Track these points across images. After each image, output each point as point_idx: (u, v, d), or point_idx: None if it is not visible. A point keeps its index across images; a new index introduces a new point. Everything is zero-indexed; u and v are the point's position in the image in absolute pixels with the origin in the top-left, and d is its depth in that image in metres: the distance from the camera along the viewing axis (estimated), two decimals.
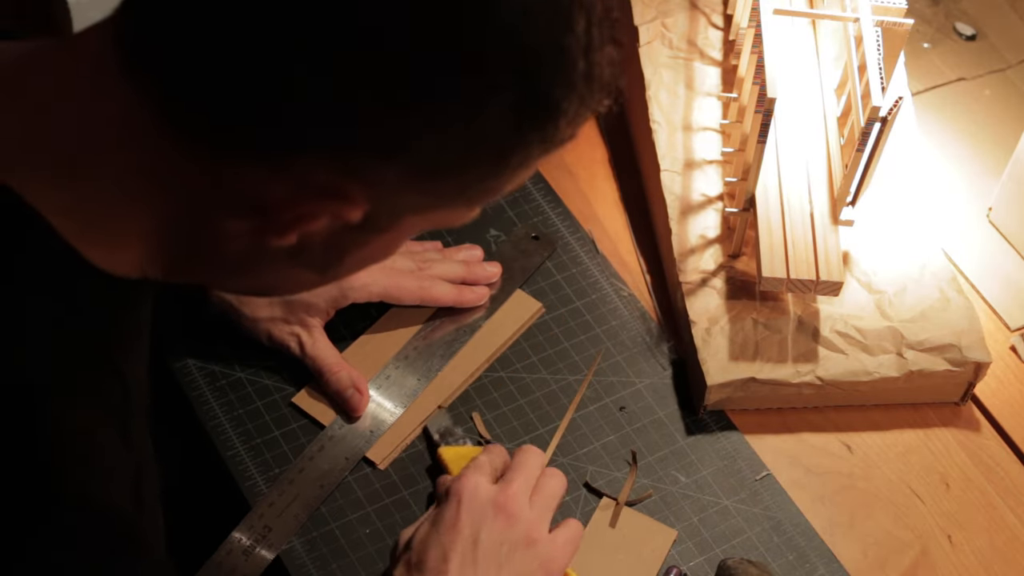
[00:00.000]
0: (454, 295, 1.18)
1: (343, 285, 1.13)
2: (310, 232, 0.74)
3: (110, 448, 0.76)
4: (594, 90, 0.72)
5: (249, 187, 0.72)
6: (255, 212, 0.73)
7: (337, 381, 1.12)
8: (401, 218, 0.76)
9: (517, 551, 0.98)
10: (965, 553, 1.11)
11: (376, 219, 0.74)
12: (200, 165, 0.72)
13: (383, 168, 0.71)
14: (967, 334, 1.17)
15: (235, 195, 0.73)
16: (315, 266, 0.79)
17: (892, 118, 1.10)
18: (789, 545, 1.09)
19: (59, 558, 0.72)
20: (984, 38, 1.46)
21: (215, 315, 1.13)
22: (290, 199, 0.72)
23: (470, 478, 1.00)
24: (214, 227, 0.75)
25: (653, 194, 1.28)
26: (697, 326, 1.16)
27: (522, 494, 1.01)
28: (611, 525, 1.08)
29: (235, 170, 0.72)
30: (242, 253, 0.77)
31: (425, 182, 0.73)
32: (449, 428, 1.12)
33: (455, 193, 0.75)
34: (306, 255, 0.77)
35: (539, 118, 0.72)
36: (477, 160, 0.73)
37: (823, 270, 1.14)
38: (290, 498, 1.08)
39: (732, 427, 1.16)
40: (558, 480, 1.04)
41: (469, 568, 0.96)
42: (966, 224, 1.32)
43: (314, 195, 0.71)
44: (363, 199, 0.72)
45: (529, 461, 1.03)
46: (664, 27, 1.36)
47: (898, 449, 1.17)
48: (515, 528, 0.99)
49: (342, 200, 0.72)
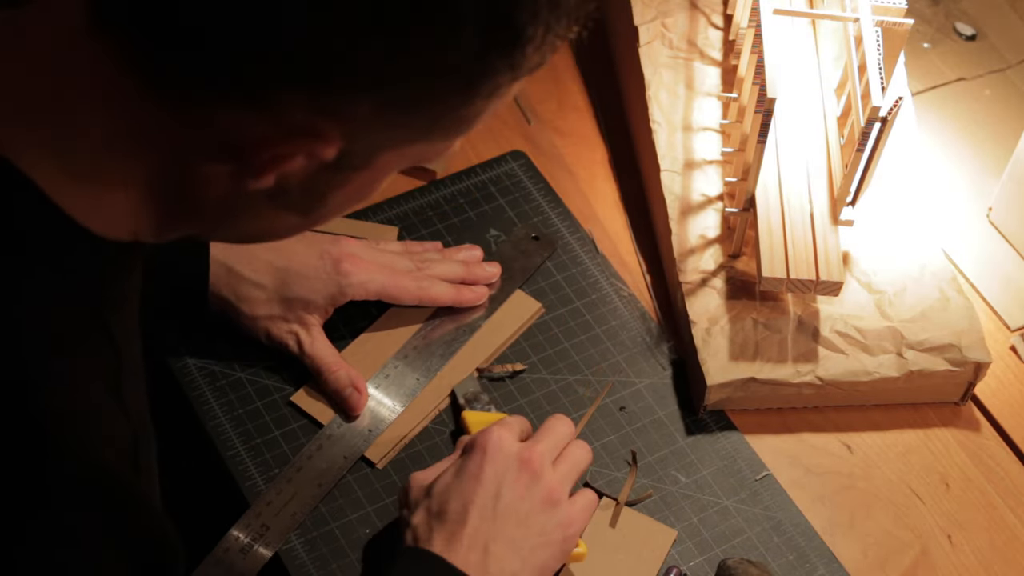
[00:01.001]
0: (453, 295, 1.18)
1: (341, 283, 1.13)
2: (287, 173, 0.74)
3: (105, 412, 0.76)
4: (560, 16, 0.73)
5: (225, 131, 0.73)
6: (232, 156, 0.74)
7: (336, 380, 1.12)
8: (377, 155, 0.76)
9: (537, 509, 0.99)
10: (965, 553, 1.11)
11: (351, 157, 0.75)
12: (177, 114, 0.72)
13: (355, 103, 0.71)
14: (967, 334, 1.17)
15: (212, 140, 0.73)
16: (297, 208, 0.79)
17: (892, 118, 1.10)
18: (789, 545, 1.09)
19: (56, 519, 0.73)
20: (984, 38, 1.46)
21: (214, 314, 1.13)
22: (265, 140, 0.72)
23: (496, 431, 1.01)
24: (196, 175, 0.76)
25: (653, 194, 1.28)
26: (697, 326, 1.16)
27: (547, 455, 1.02)
28: (611, 525, 1.08)
29: (210, 115, 0.72)
30: (225, 199, 0.77)
31: (398, 115, 0.73)
32: (476, 394, 1.14)
33: (428, 125, 0.75)
34: (286, 197, 0.77)
35: (505, 45, 0.72)
36: (447, 90, 0.73)
37: (823, 270, 1.14)
38: (288, 497, 1.08)
39: (732, 427, 1.16)
40: (584, 451, 1.04)
41: (489, 522, 0.97)
42: (966, 224, 1.32)
43: (288, 135, 0.72)
44: (337, 136, 0.73)
45: (557, 427, 1.05)
46: (664, 27, 1.36)
47: (898, 449, 1.17)
48: (537, 486, 1.00)
49: (316, 138, 0.72)
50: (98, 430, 0.76)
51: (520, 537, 0.98)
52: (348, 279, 1.13)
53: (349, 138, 0.73)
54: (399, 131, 0.75)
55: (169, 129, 0.73)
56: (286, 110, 0.71)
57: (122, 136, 0.74)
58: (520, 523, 0.98)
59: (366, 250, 1.16)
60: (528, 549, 0.98)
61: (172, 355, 1.15)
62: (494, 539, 0.97)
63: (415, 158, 0.79)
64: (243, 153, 0.73)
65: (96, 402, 0.76)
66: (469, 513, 0.97)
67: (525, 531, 0.98)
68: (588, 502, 1.02)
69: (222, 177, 0.75)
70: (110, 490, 0.76)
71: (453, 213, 1.27)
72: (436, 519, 0.98)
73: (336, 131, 0.72)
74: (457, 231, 1.26)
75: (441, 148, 0.79)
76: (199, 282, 1.11)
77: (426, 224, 1.26)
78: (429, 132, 0.76)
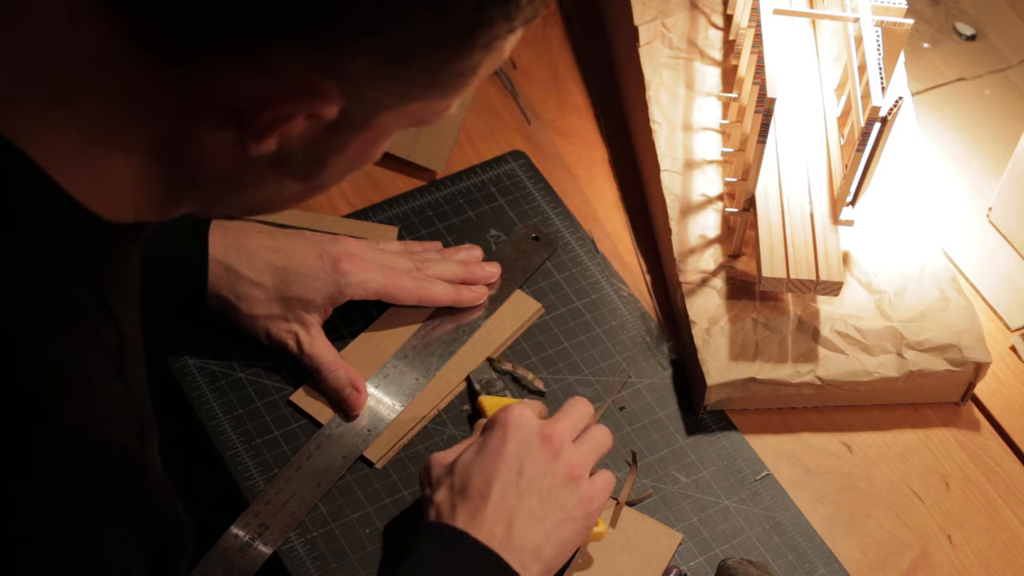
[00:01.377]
0: (452, 295, 1.18)
1: (340, 282, 1.13)
2: (289, 137, 0.74)
3: (109, 389, 0.76)
4: None
5: (225, 94, 0.72)
6: (234, 120, 0.73)
7: (335, 379, 1.12)
8: (377, 115, 0.76)
9: (559, 485, 1.00)
10: (965, 553, 1.11)
11: (351, 116, 0.75)
12: (176, 80, 0.72)
13: (354, 58, 0.71)
14: (967, 334, 1.17)
15: (213, 106, 0.73)
16: (299, 174, 0.79)
17: (892, 118, 1.10)
18: (789, 545, 1.09)
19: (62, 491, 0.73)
20: (984, 38, 1.46)
21: (214, 313, 1.13)
22: (266, 101, 0.72)
23: (516, 408, 1.02)
24: (197, 143, 0.75)
25: (653, 194, 1.28)
26: (697, 326, 1.16)
27: (568, 432, 1.03)
28: (612, 525, 1.08)
29: (210, 79, 0.72)
30: (228, 168, 0.77)
31: (396, 70, 0.73)
32: (491, 380, 1.15)
33: (426, 80, 0.75)
34: (289, 163, 0.77)
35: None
36: (444, 42, 0.73)
37: (823, 270, 1.14)
38: (286, 496, 1.08)
39: (732, 427, 1.16)
40: (605, 434, 1.06)
41: (512, 496, 0.98)
42: (966, 224, 1.32)
43: (289, 94, 0.72)
44: (336, 94, 0.73)
45: (578, 408, 1.06)
46: (664, 27, 1.36)
47: (898, 449, 1.17)
48: (559, 462, 1.01)
49: (315, 96, 0.72)
50: (104, 406, 0.75)
51: (543, 512, 0.99)
52: (347, 278, 1.13)
53: (349, 96, 0.73)
54: (398, 87, 0.75)
55: (169, 96, 0.73)
56: (285, 68, 0.71)
57: (122, 106, 0.73)
58: (543, 498, 0.99)
59: (365, 250, 1.16)
60: (551, 524, 0.99)
61: (172, 355, 1.15)
62: (517, 514, 0.98)
63: (414, 119, 0.79)
64: (244, 116, 0.73)
65: (98, 379, 0.76)
66: (492, 488, 0.98)
67: (547, 506, 0.99)
68: (608, 481, 1.04)
69: (225, 145, 0.75)
70: (117, 463, 0.76)
71: (453, 213, 1.27)
72: (459, 495, 0.99)
73: (336, 88, 0.72)
74: (457, 231, 1.26)
75: (440, 108, 0.79)
76: (198, 282, 1.11)
77: (426, 224, 1.26)
78: (427, 88, 0.76)
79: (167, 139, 0.75)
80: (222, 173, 0.77)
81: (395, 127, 0.79)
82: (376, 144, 0.80)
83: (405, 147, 1.31)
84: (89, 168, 0.74)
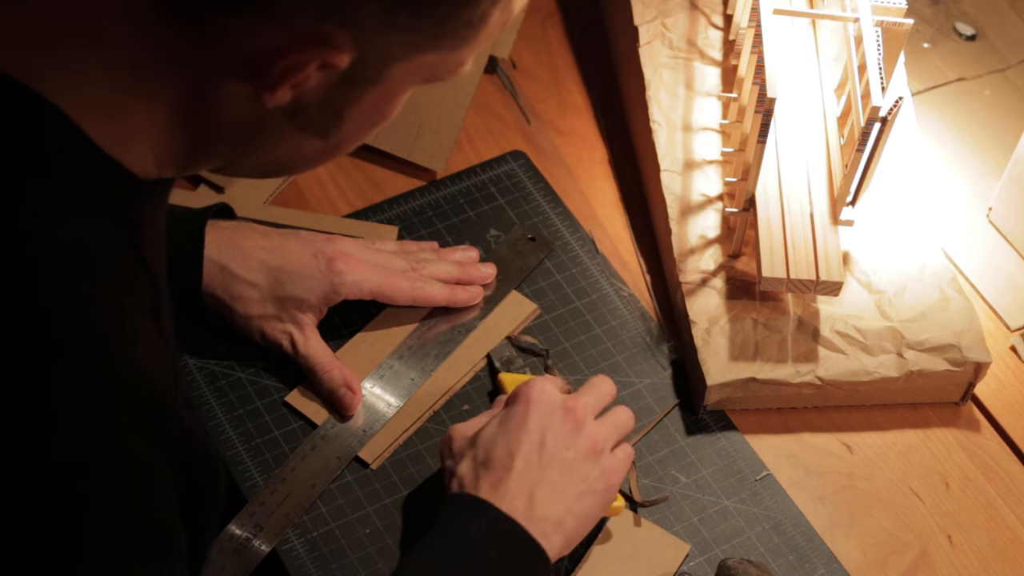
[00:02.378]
0: (447, 295, 1.18)
1: (335, 282, 1.13)
2: (303, 88, 0.76)
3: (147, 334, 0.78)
4: None
5: (238, 45, 0.74)
6: (249, 72, 0.75)
7: (330, 380, 1.12)
8: (389, 66, 0.77)
9: (581, 458, 1.02)
10: (965, 553, 1.11)
11: (364, 67, 0.76)
12: (192, 32, 0.74)
13: (363, 5, 0.73)
14: (967, 334, 1.17)
15: (228, 57, 0.75)
16: (317, 129, 0.80)
17: (892, 118, 1.10)
18: (789, 545, 1.09)
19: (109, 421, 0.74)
20: (984, 38, 1.46)
21: (212, 314, 1.13)
22: (278, 50, 0.73)
23: (539, 382, 1.04)
24: (216, 97, 0.77)
25: (653, 194, 1.28)
26: (697, 326, 1.16)
27: (590, 407, 1.04)
28: (636, 524, 1.08)
29: (224, 30, 0.73)
30: (246, 122, 0.78)
31: (405, 18, 0.74)
32: (511, 357, 1.16)
33: (435, 30, 0.76)
34: (304, 116, 0.78)
35: None
36: None
37: (823, 270, 1.14)
38: (282, 497, 1.08)
39: (732, 427, 1.16)
40: (627, 414, 1.07)
41: (534, 468, 1.00)
42: (966, 224, 1.32)
43: (300, 43, 0.73)
44: (348, 42, 0.74)
45: (601, 386, 1.07)
46: (664, 27, 1.36)
47: (898, 449, 1.17)
48: (581, 435, 1.02)
49: (327, 45, 0.74)
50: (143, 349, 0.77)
51: (564, 484, 1.00)
52: (342, 278, 1.13)
53: (360, 45, 0.74)
54: (408, 36, 0.76)
55: (186, 50, 0.74)
56: (296, 17, 0.72)
57: (142, 61, 0.75)
58: (564, 471, 1.00)
59: (361, 249, 1.16)
60: (572, 496, 1.00)
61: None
62: (539, 485, 0.99)
63: (428, 74, 0.80)
64: (258, 66, 0.74)
65: (136, 323, 0.77)
66: (515, 460, 1.00)
67: (569, 479, 1.00)
68: (627, 454, 1.05)
69: (241, 97, 0.76)
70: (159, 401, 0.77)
71: (453, 213, 1.27)
72: (482, 467, 1.00)
73: (347, 37, 0.73)
74: (457, 231, 1.26)
75: (453, 64, 0.80)
76: (192, 281, 1.11)
77: (426, 224, 1.26)
78: (437, 39, 0.77)
79: (188, 94, 0.76)
80: (241, 128, 0.79)
81: (409, 82, 0.80)
82: (391, 100, 0.81)
83: (405, 147, 1.31)
84: (114, 122, 0.76)
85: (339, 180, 1.30)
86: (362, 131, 0.83)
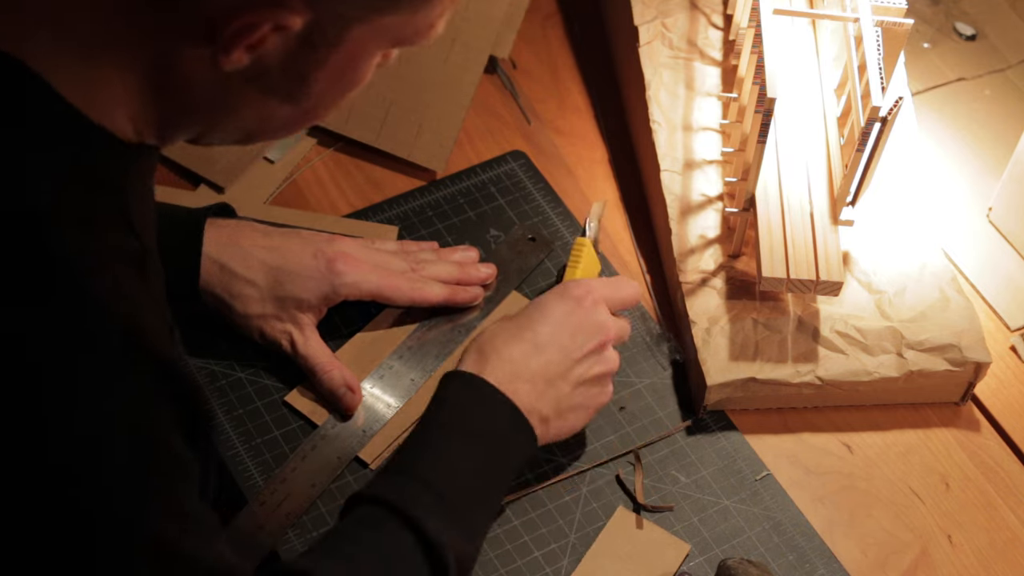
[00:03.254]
0: (447, 295, 1.18)
1: (334, 282, 1.13)
2: (261, 52, 0.77)
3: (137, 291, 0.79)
4: None
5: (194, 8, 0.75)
6: (204, 33, 0.76)
7: (329, 380, 1.12)
8: (347, 29, 0.78)
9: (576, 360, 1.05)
10: (965, 553, 1.11)
11: (321, 30, 0.77)
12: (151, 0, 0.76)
13: None
14: (967, 334, 1.17)
15: (185, 20, 0.76)
16: (281, 93, 0.81)
17: (892, 118, 1.10)
18: (789, 545, 1.09)
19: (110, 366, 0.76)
20: (984, 38, 1.46)
21: (211, 313, 1.13)
22: (231, 10, 0.74)
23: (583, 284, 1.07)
24: (178, 62, 0.78)
25: (653, 194, 1.28)
26: (697, 326, 1.16)
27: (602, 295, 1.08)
28: (638, 527, 1.08)
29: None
30: (209, 87, 0.80)
31: None
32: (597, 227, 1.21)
33: None
34: (267, 79, 0.80)
35: None
36: None
37: (823, 270, 1.14)
38: (282, 496, 1.08)
39: (732, 427, 1.16)
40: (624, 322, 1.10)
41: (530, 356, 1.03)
42: (966, 224, 1.32)
43: (252, 5, 0.74)
44: (300, 4, 0.75)
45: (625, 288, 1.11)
46: (664, 27, 1.36)
47: (898, 449, 1.17)
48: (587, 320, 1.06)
49: (279, 7, 0.75)
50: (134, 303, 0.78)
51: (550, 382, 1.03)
52: (341, 278, 1.13)
53: (313, 6, 0.75)
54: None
55: (147, 17, 0.76)
56: None
57: (110, 33, 0.77)
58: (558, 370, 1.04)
59: (361, 250, 1.16)
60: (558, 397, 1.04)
61: None
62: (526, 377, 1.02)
63: (393, 36, 0.81)
64: (213, 27, 0.75)
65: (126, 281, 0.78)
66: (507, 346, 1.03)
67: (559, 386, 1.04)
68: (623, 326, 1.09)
69: (202, 61, 0.78)
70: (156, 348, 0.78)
71: (453, 213, 1.27)
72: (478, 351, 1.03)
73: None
74: (457, 231, 1.26)
75: (420, 25, 0.81)
76: (190, 278, 1.11)
77: (426, 224, 1.26)
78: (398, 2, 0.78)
79: (154, 61, 0.78)
80: (207, 93, 0.80)
81: (373, 45, 0.81)
82: (357, 64, 0.82)
83: (405, 147, 1.31)
84: (94, 92, 0.77)
85: (339, 180, 1.30)
86: (332, 96, 0.83)
